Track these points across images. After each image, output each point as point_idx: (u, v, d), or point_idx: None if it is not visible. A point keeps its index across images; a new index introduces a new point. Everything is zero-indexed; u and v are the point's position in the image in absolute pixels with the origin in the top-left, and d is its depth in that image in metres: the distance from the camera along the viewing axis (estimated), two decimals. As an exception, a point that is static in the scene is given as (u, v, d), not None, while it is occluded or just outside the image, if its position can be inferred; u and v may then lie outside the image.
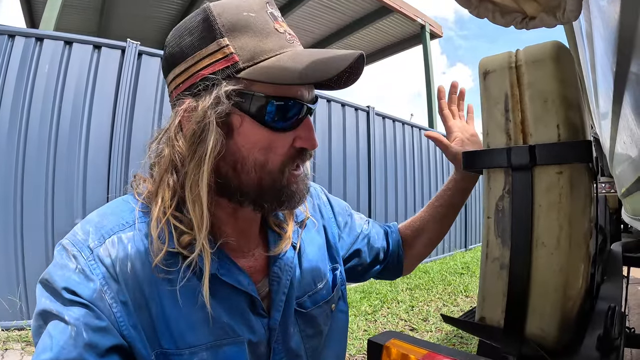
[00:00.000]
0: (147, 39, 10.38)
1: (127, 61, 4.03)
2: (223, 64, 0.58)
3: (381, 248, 1.00)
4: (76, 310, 0.54)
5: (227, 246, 0.67)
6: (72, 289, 0.55)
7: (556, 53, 0.67)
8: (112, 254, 0.59)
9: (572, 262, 0.67)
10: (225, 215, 0.68)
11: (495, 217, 0.74)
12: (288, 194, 0.63)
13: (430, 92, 10.31)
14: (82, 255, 0.58)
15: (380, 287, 5.47)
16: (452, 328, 3.91)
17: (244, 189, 0.62)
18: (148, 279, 0.59)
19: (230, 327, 0.64)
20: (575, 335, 0.70)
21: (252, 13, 0.59)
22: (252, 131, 0.59)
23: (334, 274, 0.84)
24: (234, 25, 0.58)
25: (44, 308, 0.55)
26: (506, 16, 0.59)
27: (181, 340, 0.60)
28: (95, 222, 0.62)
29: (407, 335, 0.66)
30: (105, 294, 0.57)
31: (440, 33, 11.23)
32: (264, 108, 0.58)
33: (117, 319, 0.57)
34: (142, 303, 0.59)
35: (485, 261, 0.75)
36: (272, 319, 0.69)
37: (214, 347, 0.62)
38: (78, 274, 0.57)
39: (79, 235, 0.60)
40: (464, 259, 7.92)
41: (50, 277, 0.57)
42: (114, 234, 0.61)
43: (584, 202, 0.69)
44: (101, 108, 3.92)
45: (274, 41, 0.59)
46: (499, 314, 0.72)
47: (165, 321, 0.59)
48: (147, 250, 0.60)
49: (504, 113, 0.73)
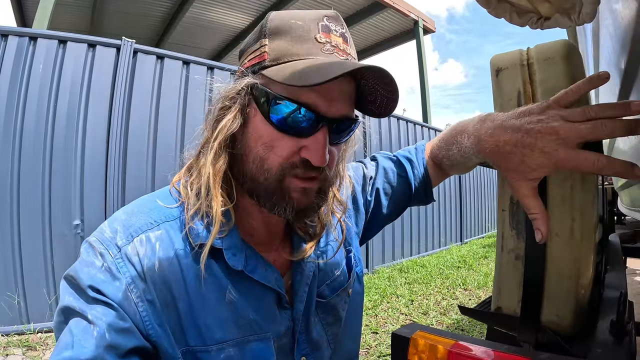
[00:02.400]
0: (141, 37, 10.34)
1: (123, 59, 4.00)
2: (256, 60, 0.63)
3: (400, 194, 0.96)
4: (100, 310, 0.55)
5: (253, 239, 0.69)
6: (97, 287, 0.56)
7: (566, 51, 0.70)
8: (140, 252, 0.60)
9: (583, 251, 0.69)
10: (249, 205, 0.68)
11: (510, 210, 0.77)
12: (281, 198, 0.62)
13: (424, 87, 10.34)
14: (109, 253, 0.59)
15: (379, 282, 5.50)
16: (452, 321, 3.96)
17: (246, 177, 0.64)
18: (176, 277, 0.60)
19: (256, 323, 0.65)
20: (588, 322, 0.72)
21: (300, 22, 0.62)
22: (260, 125, 0.61)
23: (348, 256, 0.85)
24: (278, 28, 0.62)
25: (67, 305, 0.56)
26: (522, 16, 0.61)
27: (209, 336, 0.61)
28: (123, 221, 0.63)
29: (430, 327, 0.68)
30: (132, 293, 0.57)
31: (433, 28, 11.25)
32: (271, 105, 0.59)
33: (143, 318, 0.57)
34: (170, 301, 0.60)
35: (501, 253, 0.77)
36: (295, 310, 0.71)
37: (241, 343, 0.63)
38: (104, 272, 0.57)
39: (107, 234, 0.61)
40: (460, 252, 7.98)
41: (75, 274, 0.58)
42: (143, 232, 0.62)
43: (593, 195, 0.71)
44: (97, 107, 3.89)
45: (306, 47, 0.60)
46: (515, 303, 0.74)
47: (193, 318, 0.60)
48: (175, 249, 0.62)
49: None
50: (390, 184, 0.95)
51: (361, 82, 0.64)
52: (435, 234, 8.40)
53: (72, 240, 3.69)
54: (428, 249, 8.07)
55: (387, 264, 6.77)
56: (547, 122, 0.60)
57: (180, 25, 10.36)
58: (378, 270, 6.33)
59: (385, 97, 0.64)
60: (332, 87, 0.60)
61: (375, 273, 6.21)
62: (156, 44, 11.22)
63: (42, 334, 3.47)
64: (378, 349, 3.30)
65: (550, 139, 0.59)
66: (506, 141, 0.63)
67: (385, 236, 6.86)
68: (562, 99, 0.60)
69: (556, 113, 0.60)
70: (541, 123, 0.60)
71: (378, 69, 0.57)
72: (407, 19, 10.54)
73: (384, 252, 6.82)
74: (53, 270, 3.62)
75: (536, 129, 0.60)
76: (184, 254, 0.62)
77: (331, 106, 0.60)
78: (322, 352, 0.75)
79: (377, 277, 5.86)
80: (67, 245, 3.67)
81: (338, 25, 0.64)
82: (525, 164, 0.61)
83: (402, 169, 0.95)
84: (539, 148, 0.60)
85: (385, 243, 6.87)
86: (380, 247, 6.75)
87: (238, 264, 0.63)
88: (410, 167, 0.95)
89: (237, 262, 0.63)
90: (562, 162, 0.58)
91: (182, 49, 9.86)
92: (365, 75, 0.61)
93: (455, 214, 9.24)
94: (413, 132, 7.80)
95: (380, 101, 0.65)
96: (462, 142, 0.75)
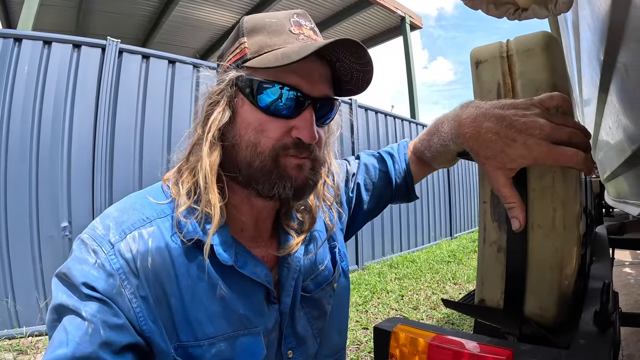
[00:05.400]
0: (127, 37, 10.26)
1: (108, 60, 3.97)
2: (238, 56, 0.67)
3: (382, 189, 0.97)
4: (93, 306, 0.55)
5: (242, 235, 0.71)
6: (90, 284, 0.56)
7: (546, 43, 0.69)
8: (133, 249, 0.60)
9: (566, 242, 0.69)
10: (239, 201, 0.70)
11: (491, 202, 0.77)
12: (279, 177, 0.64)
13: (411, 82, 10.41)
14: (102, 250, 0.59)
15: (369, 278, 5.52)
16: (442, 315, 3.98)
17: (240, 166, 0.65)
18: (168, 273, 0.61)
19: (247, 318, 0.66)
20: (572, 314, 0.73)
21: (273, 19, 0.67)
22: (248, 113, 0.65)
23: (333, 251, 0.86)
24: (254, 27, 0.67)
25: (60, 302, 0.56)
26: (500, 7, 0.61)
27: (200, 331, 0.62)
28: (115, 217, 0.64)
29: (412, 320, 0.68)
30: (125, 289, 0.58)
31: (420, 24, 11.34)
32: (258, 91, 0.63)
33: (137, 314, 0.58)
34: (162, 297, 0.60)
35: (483, 245, 0.77)
36: (282, 304, 0.72)
37: (232, 338, 0.64)
38: (97, 268, 0.58)
39: (99, 230, 0.62)
40: (449, 247, 8.02)
41: (68, 271, 0.58)
42: (135, 229, 0.62)
43: (575, 186, 0.72)
44: (83, 108, 3.86)
45: (283, 38, 0.65)
46: (498, 295, 0.74)
47: (185, 314, 0.61)
48: (168, 245, 0.63)
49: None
50: (371, 179, 0.96)
51: (336, 64, 0.68)
52: (425, 229, 8.43)
53: (60, 243, 3.66)
54: (418, 244, 8.11)
55: (377, 260, 6.80)
56: (533, 117, 0.62)
57: (167, 24, 10.34)
58: (368, 266, 6.36)
59: (360, 71, 0.68)
60: (313, 70, 0.65)
61: (365, 269, 6.24)
62: (142, 43, 11.16)
63: (33, 338, 3.43)
64: (369, 344, 3.31)
65: (534, 132, 0.61)
66: (488, 129, 0.64)
67: (374, 232, 6.89)
68: (545, 102, 0.63)
69: (540, 112, 0.62)
70: (526, 117, 0.62)
71: (352, 42, 0.61)
72: (394, 15, 10.65)
73: (374, 248, 6.85)
74: (42, 273, 3.58)
75: (521, 121, 0.62)
76: (176, 250, 0.63)
77: (314, 87, 0.65)
78: (308, 346, 0.76)
79: (367, 273, 5.89)
80: (56, 248, 3.63)
81: (307, 21, 0.71)
82: (504, 153, 0.63)
83: (383, 164, 0.97)
84: (521, 140, 0.61)
85: (375, 239, 6.89)
86: (370, 243, 6.77)
87: (228, 260, 0.64)
88: (391, 162, 0.97)
89: (227, 258, 0.64)
90: (542, 155, 0.60)
91: (169, 48, 9.83)
92: (341, 57, 0.66)
93: (444, 209, 9.30)
94: (401, 128, 7.83)
95: (357, 77, 0.70)
96: (441, 130, 0.76)
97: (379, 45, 12.72)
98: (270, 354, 0.70)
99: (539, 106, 0.63)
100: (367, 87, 0.72)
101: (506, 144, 0.62)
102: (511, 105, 0.65)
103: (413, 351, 0.58)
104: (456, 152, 0.78)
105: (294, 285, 0.74)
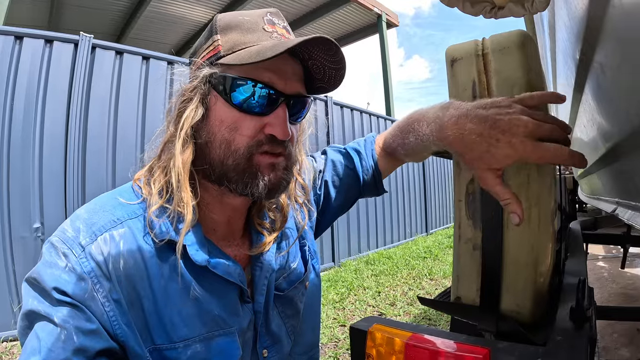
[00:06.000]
0: (100, 32, 10.04)
1: (81, 55, 3.85)
2: (211, 54, 0.66)
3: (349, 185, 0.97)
4: (65, 312, 0.53)
5: (214, 235, 0.70)
6: (62, 288, 0.54)
7: (522, 41, 0.70)
8: (104, 251, 0.59)
9: (541, 239, 0.70)
10: (212, 200, 0.69)
11: (466, 200, 0.77)
12: (253, 177, 0.63)
13: (387, 80, 10.50)
14: (73, 252, 0.57)
15: (346, 275, 5.52)
16: (419, 311, 4.02)
17: (213, 164, 0.64)
18: (140, 275, 0.60)
19: (221, 318, 0.65)
20: (548, 310, 0.73)
21: (247, 17, 0.67)
22: (222, 110, 0.64)
23: (303, 250, 0.86)
24: (227, 25, 0.66)
25: (31, 308, 0.54)
26: (476, 6, 0.61)
27: (175, 333, 0.61)
28: (86, 219, 0.62)
29: (388, 319, 0.68)
30: (98, 293, 0.56)
31: (396, 22, 11.43)
32: (231, 88, 0.62)
33: (110, 318, 0.56)
34: (135, 300, 0.59)
35: (459, 243, 0.78)
36: (256, 303, 0.71)
37: (207, 339, 0.63)
38: (68, 272, 0.56)
39: (69, 233, 0.60)
40: (425, 243, 8.06)
41: (38, 276, 0.56)
42: (106, 231, 0.60)
43: (549, 183, 0.72)
44: (55, 105, 3.73)
45: (257, 36, 0.64)
46: (474, 292, 0.75)
47: (159, 316, 0.60)
48: (139, 246, 0.61)
49: (472, 99, 0.75)
50: (338, 176, 0.96)
51: (309, 62, 0.68)
52: (401, 225, 8.45)
53: (32, 244, 3.55)
54: (394, 240, 8.12)
55: (353, 257, 6.78)
56: (516, 115, 0.61)
57: (141, 19, 10.16)
58: (344, 263, 6.33)
59: (332, 69, 0.68)
60: (286, 67, 0.65)
61: (341, 266, 6.21)
62: (117, 39, 10.92)
63: (7, 343, 3.32)
64: (347, 342, 3.29)
65: (518, 131, 0.60)
66: (472, 130, 0.64)
67: (350, 229, 6.89)
68: (525, 100, 0.64)
69: (522, 109, 0.62)
70: (509, 115, 0.62)
71: (326, 40, 0.60)
72: (371, 12, 10.69)
73: (350, 244, 6.82)
74: (15, 276, 3.47)
75: (505, 119, 0.61)
76: (148, 251, 0.61)
77: (287, 84, 0.64)
78: (283, 344, 0.76)
79: (344, 270, 5.87)
80: (28, 250, 3.52)
81: (280, 20, 0.70)
82: (490, 153, 0.62)
83: (350, 160, 0.97)
84: (506, 139, 0.61)
85: (351, 236, 6.89)
86: (346, 240, 6.76)
87: (202, 260, 0.63)
88: (358, 158, 0.96)
89: (200, 258, 0.63)
90: (527, 153, 0.60)
91: (143, 44, 9.64)
92: (314, 55, 0.66)
93: (420, 205, 9.35)
94: (377, 125, 7.81)
95: (329, 75, 0.70)
96: (420, 130, 0.74)
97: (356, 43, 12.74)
98: (246, 353, 0.69)
99: (520, 104, 0.63)
100: (339, 84, 0.71)
101: (491, 144, 0.62)
102: (492, 104, 0.64)
103: (390, 351, 0.58)
104: (435, 152, 0.78)
105: (267, 284, 0.73)
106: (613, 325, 2.92)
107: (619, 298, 3.71)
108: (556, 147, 0.59)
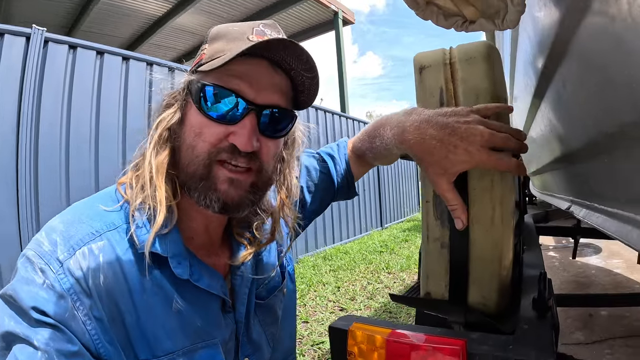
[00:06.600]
0: (53, 25, 9.55)
1: (33, 49, 3.66)
2: (196, 62, 0.67)
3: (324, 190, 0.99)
4: (45, 333, 0.51)
5: (193, 243, 0.69)
6: (40, 307, 0.52)
7: (487, 52, 0.75)
8: (83, 266, 0.56)
9: (504, 236, 0.75)
10: (189, 207, 0.68)
11: (433, 201, 0.81)
12: (207, 188, 0.62)
13: (342, 77, 10.54)
14: (50, 268, 0.55)
15: (305, 272, 5.52)
16: (380, 304, 4.09)
17: (181, 170, 0.65)
18: (121, 290, 0.58)
19: (204, 330, 0.65)
20: (512, 300, 0.79)
21: (237, 27, 0.66)
22: (193, 116, 0.64)
23: (280, 257, 0.87)
24: (217, 34, 0.67)
25: (8, 330, 0.51)
26: (449, 19, 0.64)
27: (158, 347, 0.59)
28: (62, 231, 0.59)
29: (365, 318, 0.71)
30: (78, 311, 0.54)
31: (352, 20, 11.49)
32: (200, 94, 0.62)
33: (92, 337, 0.54)
34: (117, 316, 0.57)
35: (427, 242, 0.81)
36: (237, 312, 0.72)
37: (190, 352, 0.62)
38: (47, 289, 0.53)
39: (45, 246, 0.57)
40: (381, 237, 8.15)
41: (14, 293, 0.53)
42: (85, 244, 0.58)
43: (511, 185, 0.77)
44: (5, 102, 3.52)
45: (237, 44, 0.63)
46: (443, 288, 0.79)
47: (141, 330, 0.59)
48: (119, 259, 0.59)
49: (439, 106, 0.79)
50: (313, 182, 0.97)
51: (291, 73, 0.67)
52: (356, 220, 8.51)
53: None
54: (350, 235, 8.16)
55: (310, 253, 6.78)
56: (473, 124, 0.67)
57: (94, 11, 9.69)
58: (302, 260, 6.31)
59: (308, 77, 0.67)
60: (260, 76, 0.64)
61: (299, 262, 6.19)
62: (68, 31, 10.39)
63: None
64: (310, 337, 3.33)
65: (475, 140, 0.66)
66: (432, 135, 0.68)
67: (307, 225, 6.87)
68: (482, 110, 0.70)
69: (480, 119, 0.68)
70: (467, 124, 0.67)
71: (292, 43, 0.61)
72: (327, 9, 10.71)
73: (307, 241, 6.81)
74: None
75: (463, 128, 0.67)
76: (128, 265, 0.60)
77: (259, 94, 0.63)
78: (263, 352, 0.77)
79: (302, 267, 5.85)
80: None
81: (274, 31, 0.68)
82: (448, 159, 0.67)
83: (324, 166, 0.99)
84: (463, 146, 0.66)
85: (308, 232, 6.84)
86: (303, 236, 6.71)
87: (184, 274, 0.62)
88: (332, 163, 0.98)
89: (182, 271, 0.62)
90: (482, 161, 0.66)
91: (96, 38, 9.26)
92: (291, 64, 0.64)
93: (374, 200, 9.44)
94: (332, 122, 7.79)
95: (307, 84, 0.69)
96: (384, 134, 0.79)
97: (311, 39, 12.64)
98: None
99: (477, 114, 0.69)
100: (315, 94, 0.70)
101: (449, 150, 0.67)
102: (452, 112, 0.69)
103: (371, 347, 0.61)
104: (398, 155, 0.83)
105: (247, 293, 0.74)
106: (567, 311, 3.08)
107: (571, 285, 3.92)
108: (507, 158, 0.66)
